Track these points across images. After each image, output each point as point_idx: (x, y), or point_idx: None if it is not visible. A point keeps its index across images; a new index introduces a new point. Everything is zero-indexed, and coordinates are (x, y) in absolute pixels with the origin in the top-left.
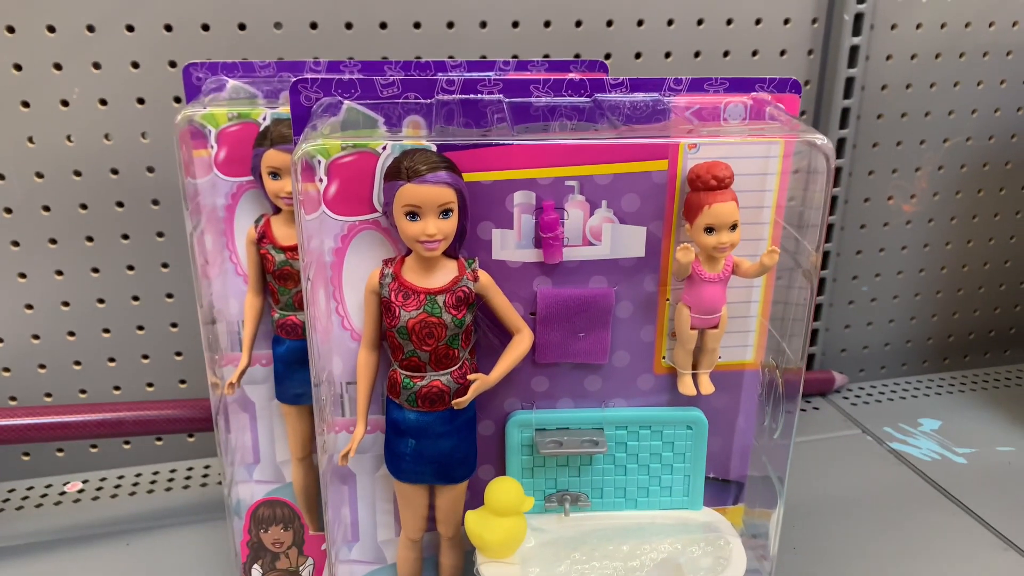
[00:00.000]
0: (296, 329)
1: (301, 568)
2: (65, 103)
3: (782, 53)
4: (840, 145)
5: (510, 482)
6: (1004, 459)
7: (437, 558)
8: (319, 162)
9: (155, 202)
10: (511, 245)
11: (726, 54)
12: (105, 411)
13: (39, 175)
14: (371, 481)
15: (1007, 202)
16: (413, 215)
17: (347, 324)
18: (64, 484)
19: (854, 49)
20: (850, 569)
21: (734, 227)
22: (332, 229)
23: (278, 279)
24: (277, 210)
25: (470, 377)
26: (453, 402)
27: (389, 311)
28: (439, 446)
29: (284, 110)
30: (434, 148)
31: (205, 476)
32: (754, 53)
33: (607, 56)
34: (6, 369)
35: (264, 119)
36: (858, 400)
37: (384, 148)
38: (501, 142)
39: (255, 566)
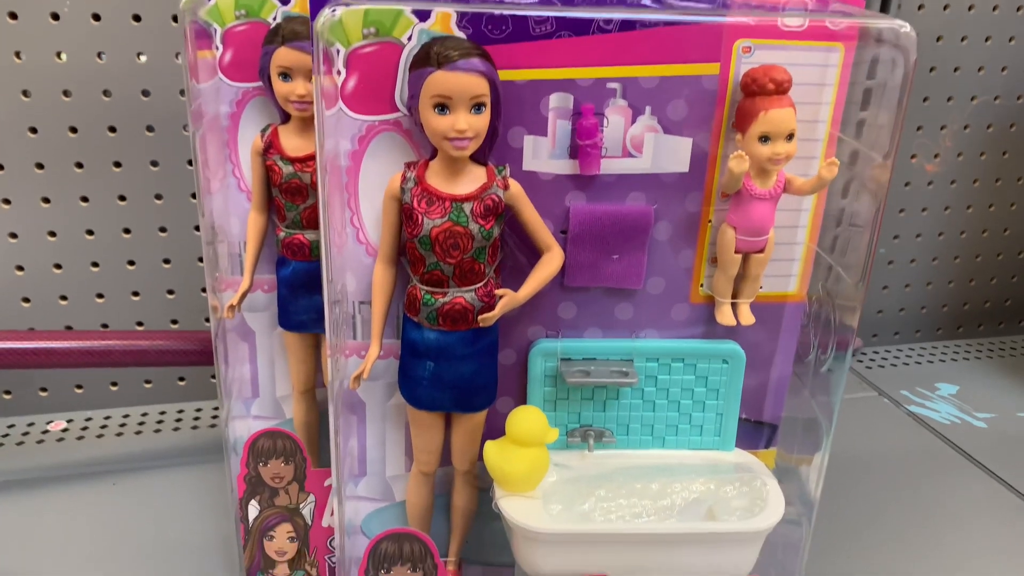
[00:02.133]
0: (303, 249)
1: (302, 505)
2: (56, 16)
3: None
4: (866, 96)
5: (533, 411)
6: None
7: (449, 497)
8: (338, 52)
9: (150, 128)
10: (544, 154)
11: None
12: (93, 339)
13: (26, 94)
14: (382, 411)
15: None
16: (442, 107)
17: (362, 237)
18: (47, 423)
19: None
20: (871, 528)
21: (790, 137)
22: (349, 129)
23: (285, 193)
24: (285, 118)
25: (498, 292)
26: (480, 318)
27: (411, 219)
28: (459, 370)
29: (296, 7)
30: (464, 36)
31: (196, 419)
32: None
33: None
34: None
35: (275, 17)
36: (873, 364)
37: (409, 38)
38: (542, 15)
39: (252, 502)
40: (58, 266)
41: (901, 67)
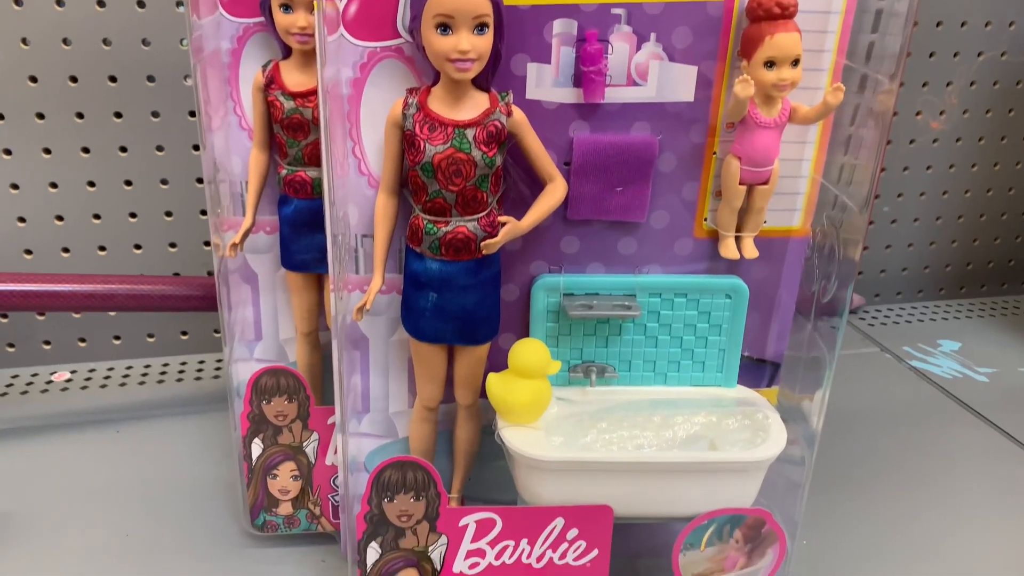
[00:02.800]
0: (305, 187)
1: (305, 443)
2: None
3: None
4: (870, 51)
5: (536, 343)
6: None
7: (452, 435)
8: None
9: (151, 78)
10: (547, 82)
11: None
12: (96, 283)
13: (25, 42)
14: (385, 347)
15: None
16: (444, 27)
17: (364, 168)
18: (51, 374)
19: None
20: (875, 478)
21: (796, 63)
22: (351, 56)
23: (286, 129)
24: (287, 53)
25: (501, 219)
26: (483, 244)
27: (413, 146)
28: (462, 300)
29: None
30: None
31: (200, 371)
32: None
33: None
34: None
35: None
36: (875, 321)
37: None
38: None
39: (255, 440)
40: (60, 218)
41: None
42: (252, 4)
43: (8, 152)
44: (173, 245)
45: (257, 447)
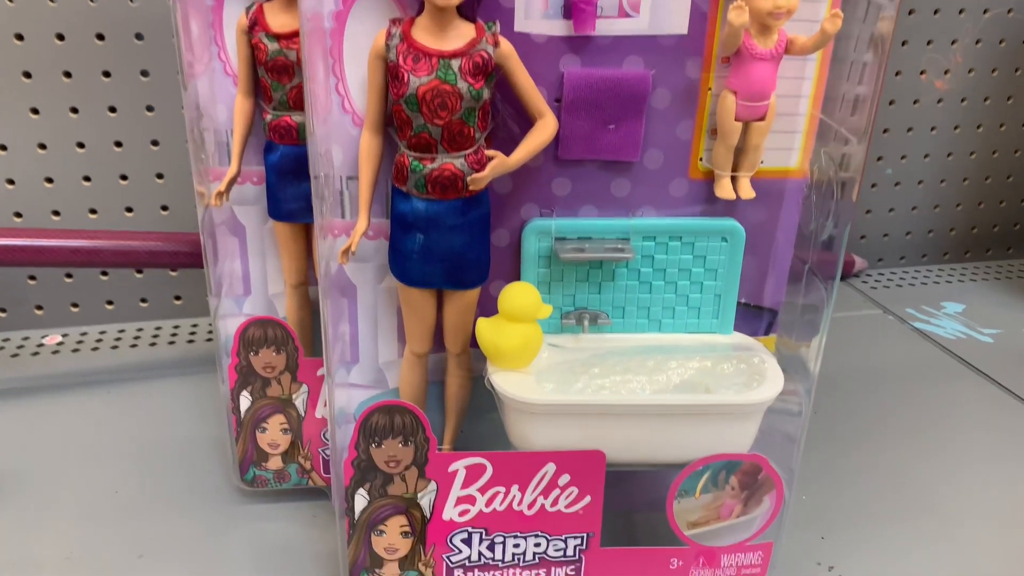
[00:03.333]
0: (291, 132)
1: (294, 396)
2: None
3: None
4: None
5: (526, 286)
6: None
7: (443, 385)
8: None
9: (139, 36)
10: (536, 14)
11: None
12: (82, 238)
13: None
14: (373, 294)
15: None
16: None
17: (348, 105)
18: (42, 337)
19: None
20: (876, 433)
21: None
22: None
23: (271, 72)
24: None
25: (488, 153)
26: (469, 179)
27: (397, 78)
28: (450, 241)
29: None
30: None
31: (192, 335)
32: None
33: None
34: None
35: None
36: (878, 284)
37: None
38: None
39: (243, 392)
40: (49, 180)
41: None
42: None
43: None
44: (165, 208)
45: (245, 400)
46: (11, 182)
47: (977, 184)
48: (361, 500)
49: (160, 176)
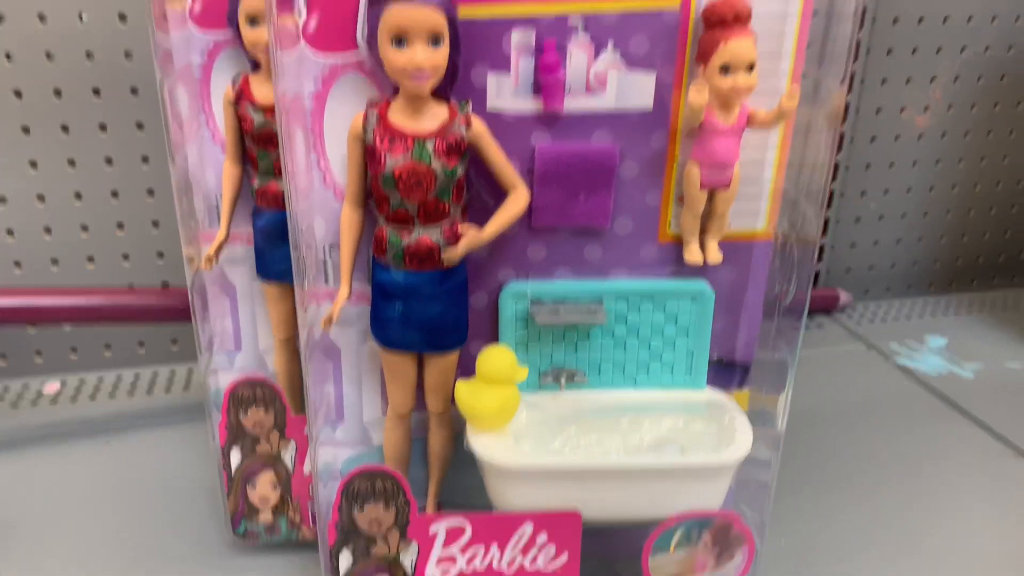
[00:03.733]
0: (277, 198)
1: (283, 452)
2: None
3: None
4: (823, 54)
5: (502, 349)
6: (1013, 374)
7: (425, 442)
8: None
9: (134, 91)
10: (507, 92)
11: None
12: (80, 296)
13: (8, 57)
14: (356, 356)
15: (1023, 117)
16: (400, 41)
17: (329, 180)
18: (42, 385)
19: None
20: (856, 474)
21: (751, 68)
22: (312, 70)
23: (257, 142)
24: (256, 67)
25: (462, 228)
26: (443, 256)
27: (374, 158)
28: (428, 310)
29: None
30: None
31: (188, 380)
32: None
33: None
34: None
35: None
36: (862, 319)
37: None
38: None
39: (234, 449)
40: (47, 230)
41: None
42: (222, 17)
43: None
44: (161, 255)
45: (236, 457)
46: (11, 233)
47: (960, 217)
48: (346, 561)
49: (156, 224)
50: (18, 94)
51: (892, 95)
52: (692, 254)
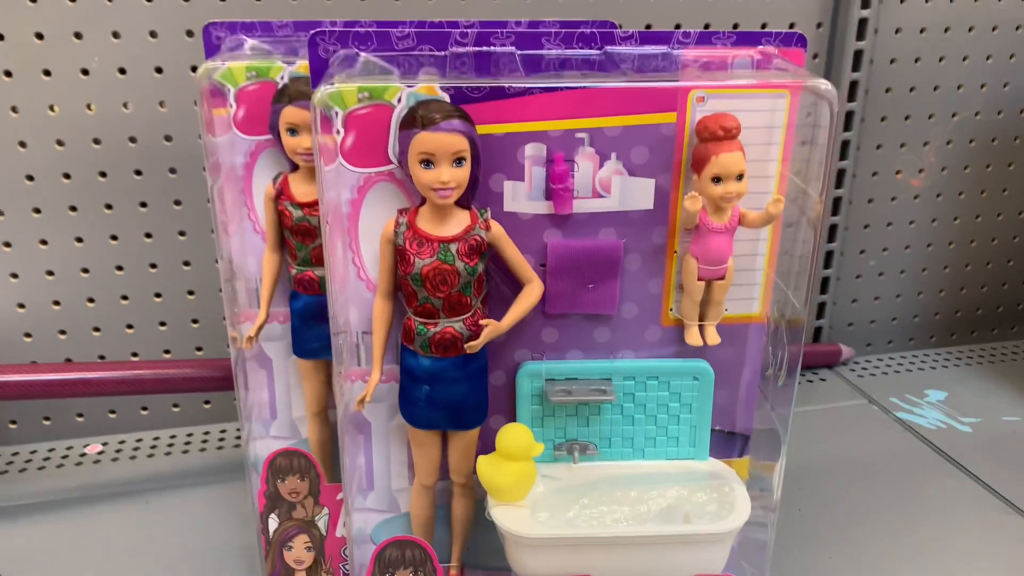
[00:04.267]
0: (313, 284)
1: (317, 517)
2: (85, 72)
3: (791, 26)
4: (848, 118)
5: (520, 427)
6: (1009, 428)
7: (449, 506)
8: (336, 114)
9: (172, 170)
10: (522, 197)
11: (735, 26)
12: (125, 369)
13: (60, 143)
14: (386, 430)
15: (1016, 177)
16: (427, 163)
17: (363, 275)
18: (84, 446)
19: (863, 22)
20: (854, 529)
21: (740, 177)
22: (349, 180)
23: (295, 235)
24: (294, 167)
25: (482, 322)
26: (466, 346)
27: (404, 259)
28: (452, 392)
29: (301, 68)
30: (448, 98)
31: (221, 440)
32: (763, 26)
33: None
34: (27, 335)
35: (282, 77)
36: (864, 372)
37: (399, 100)
38: (513, 84)
39: (272, 515)
40: (91, 300)
41: (827, 116)
42: (262, 123)
43: (44, 242)
44: (195, 321)
45: (273, 521)
46: (57, 303)
47: (958, 271)
48: None
49: (191, 292)
50: (67, 176)
51: (888, 159)
52: (692, 337)
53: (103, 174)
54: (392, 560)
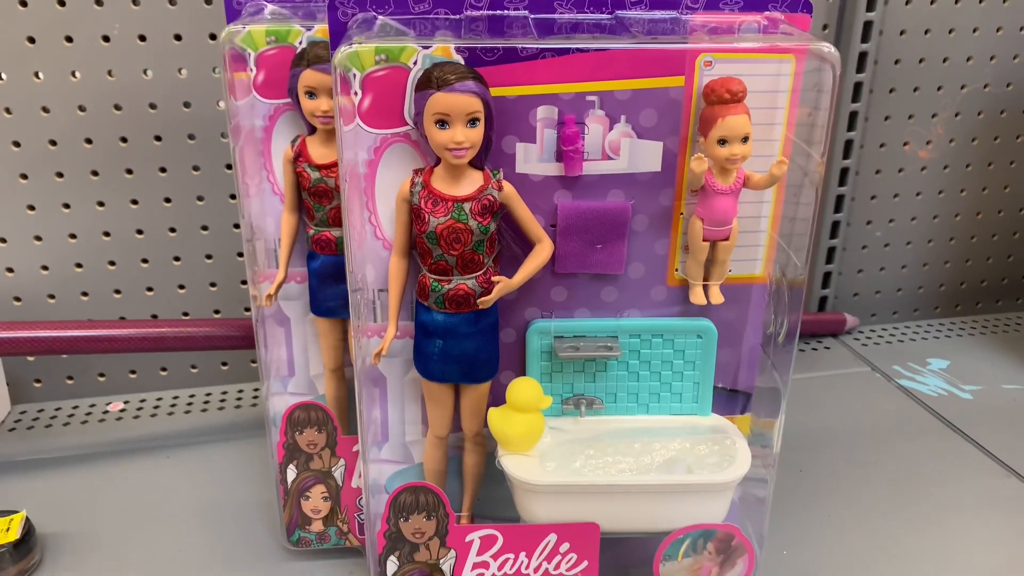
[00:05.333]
0: (330, 244)
1: (333, 468)
2: (106, 39)
3: None
4: (856, 90)
5: (530, 381)
6: (1010, 396)
7: (461, 457)
8: (354, 76)
9: (191, 136)
10: (533, 159)
11: None
12: (148, 327)
13: (81, 109)
14: (400, 384)
15: (1023, 150)
16: (442, 123)
17: (379, 233)
18: (107, 404)
19: None
20: (855, 490)
21: (746, 140)
22: (366, 141)
23: (313, 196)
24: (312, 130)
25: (494, 279)
26: (478, 301)
27: (419, 218)
28: (464, 346)
29: (320, 33)
30: (462, 61)
31: (239, 399)
32: None
33: None
34: (51, 296)
35: (301, 42)
36: (868, 341)
37: (415, 63)
38: (526, 45)
39: (290, 466)
40: (112, 263)
41: (829, 79)
42: (281, 87)
43: (67, 206)
44: (214, 284)
45: (291, 472)
46: (79, 265)
47: (963, 243)
48: (392, 565)
49: (209, 256)
50: (88, 141)
51: (895, 130)
52: (697, 297)
53: (124, 139)
54: (406, 505)
